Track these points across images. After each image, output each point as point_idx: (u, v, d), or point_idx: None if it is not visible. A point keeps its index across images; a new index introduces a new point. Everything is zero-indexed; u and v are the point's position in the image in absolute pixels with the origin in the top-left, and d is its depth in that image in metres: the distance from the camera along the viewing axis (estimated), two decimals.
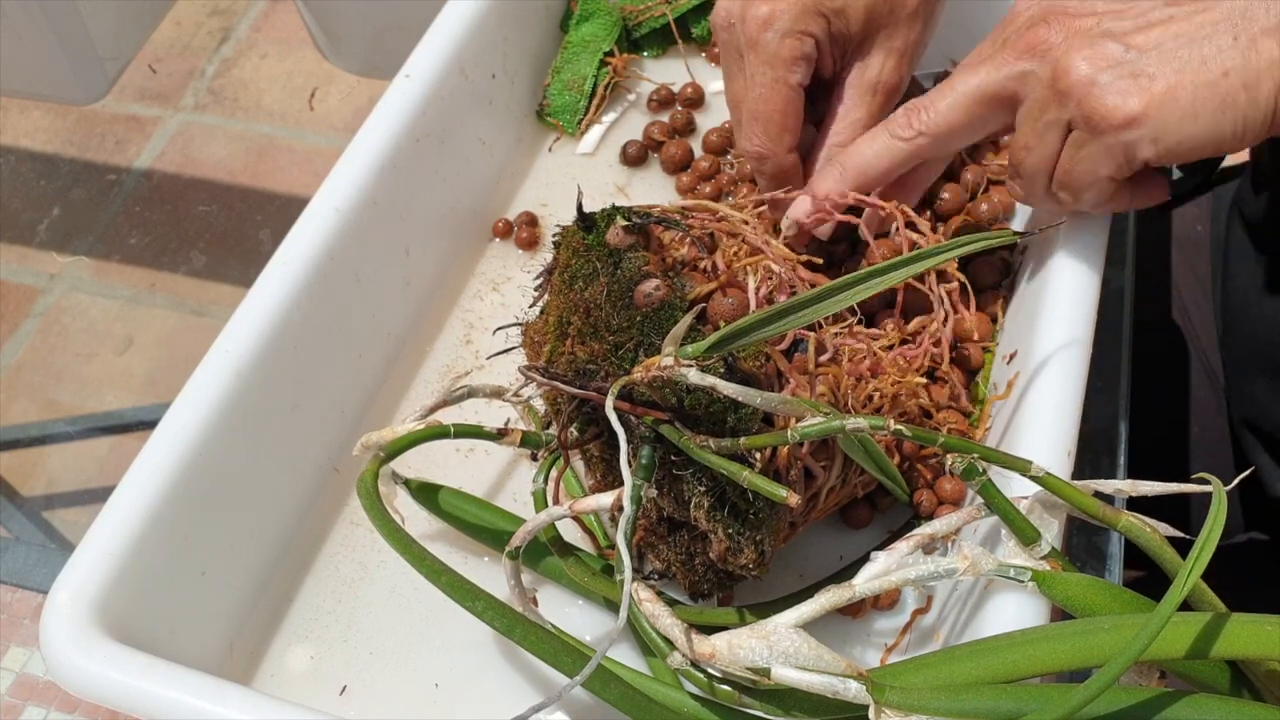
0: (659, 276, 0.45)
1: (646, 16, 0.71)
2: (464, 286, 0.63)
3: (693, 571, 0.47)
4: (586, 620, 0.51)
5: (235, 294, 1.20)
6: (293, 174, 1.56)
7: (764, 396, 0.40)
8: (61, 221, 1.52)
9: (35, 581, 0.71)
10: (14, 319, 1.44)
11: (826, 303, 0.41)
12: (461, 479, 0.55)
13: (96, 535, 0.46)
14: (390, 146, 0.58)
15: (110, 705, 0.42)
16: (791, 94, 0.54)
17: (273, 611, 0.52)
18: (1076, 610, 0.41)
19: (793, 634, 0.38)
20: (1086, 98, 0.45)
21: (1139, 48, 0.45)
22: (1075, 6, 0.48)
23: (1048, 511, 0.43)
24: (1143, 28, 0.46)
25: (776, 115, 0.54)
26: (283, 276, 0.53)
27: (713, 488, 0.43)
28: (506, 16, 0.66)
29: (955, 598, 0.48)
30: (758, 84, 0.54)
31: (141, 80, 1.66)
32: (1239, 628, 0.37)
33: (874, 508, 0.52)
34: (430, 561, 0.42)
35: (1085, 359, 0.49)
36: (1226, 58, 0.44)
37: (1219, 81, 0.44)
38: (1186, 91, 0.44)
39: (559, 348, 0.47)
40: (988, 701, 0.36)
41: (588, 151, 0.69)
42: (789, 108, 0.54)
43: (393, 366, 0.60)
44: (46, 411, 1.36)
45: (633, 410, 0.42)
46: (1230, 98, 0.44)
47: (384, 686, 0.50)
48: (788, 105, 0.54)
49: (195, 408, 0.49)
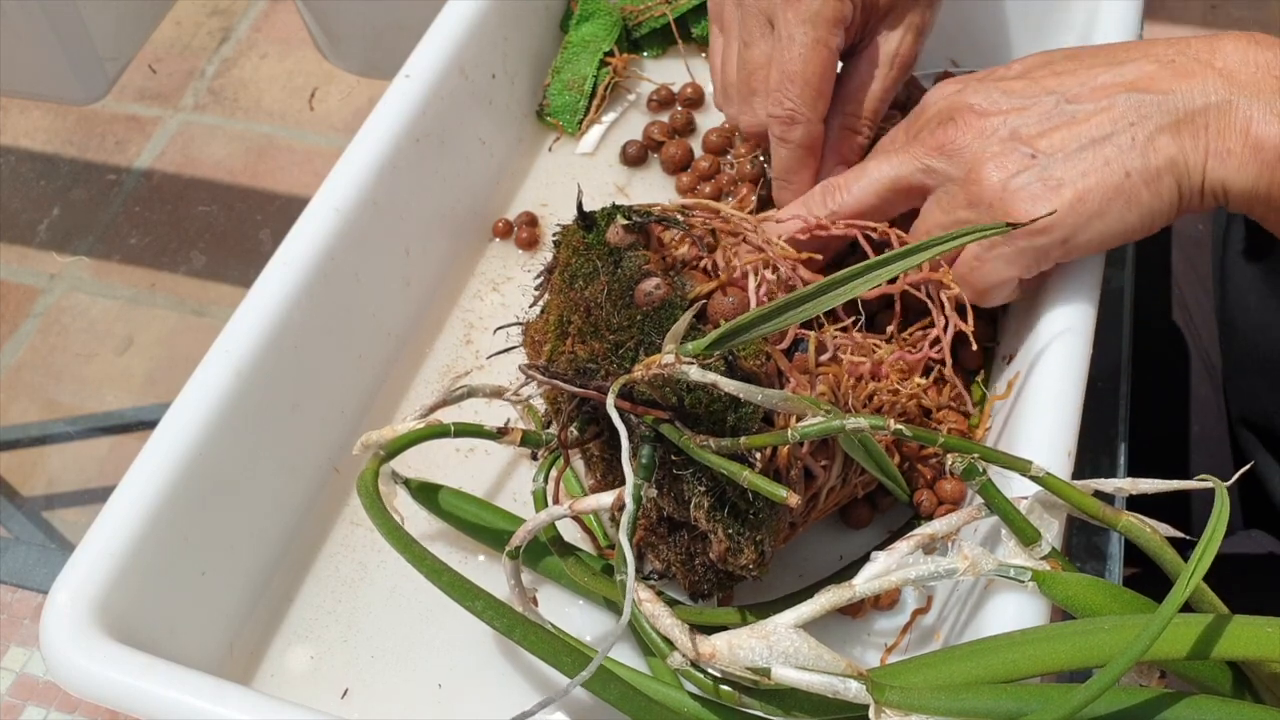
0: (659, 275, 0.45)
1: (646, 16, 0.71)
2: (464, 286, 0.63)
3: (693, 571, 0.47)
4: (586, 620, 0.51)
5: (235, 294, 1.20)
6: (293, 174, 1.56)
7: (765, 393, 0.40)
8: (61, 221, 1.52)
9: (35, 581, 0.71)
10: (14, 319, 1.44)
11: (826, 297, 0.41)
12: (461, 479, 0.55)
13: (96, 535, 0.46)
14: (390, 146, 0.58)
15: (110, 705, 0.42)
16: (831, 57, 0.54)
17: (273, 611, 0.52)
18: (1077, 610, 0.41)
19: (793, 634, 0.38)
20: (1000, 204, 0.47)
21: (1045, 152, 0.47)
22: (981, 104, 0.49)
23: (1048, 511, 0.43)
24: (1047, 130, 0.47)
25: (815, 78, 0.53)
26: (283, 276, 0.53)
27: (713, 488, 0.43)
28: (506, 16, 0.66)
29: (955, 598, 0.48)
30: (797, 43, 0.53)
31: (141, 80, 1.66)
32: (1240, 629, 0.37)
33: (874, 507, 0.52)
34: (430, 561, 0.42)
35: (1085, 359, 0.49)
36: (1127, 159, 0.46)
37: (1123, 183, 0.46)
38: (1094, 195, 0.46)
39: (559, 347, 0.47)
40: (988, 701, 0.36)
41: (588, 151, 0.69)
42: (827, 72, 0.54)
43: (393, 366, 0.60)
44: (46, 411, 1.36)
45: (633, 409, 0.42)
46: (1134, 196, 0.46)
47: (384, 686, 0.50)
48: (827, 69, 0.54)
49: (195, 408, 0.49)
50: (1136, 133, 0.46)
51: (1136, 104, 0.46)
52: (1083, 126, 0.47)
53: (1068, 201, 0.46)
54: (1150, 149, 0.46)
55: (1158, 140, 0.46)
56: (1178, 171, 0.46)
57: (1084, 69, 0.48)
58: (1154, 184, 0.46)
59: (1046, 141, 0.47)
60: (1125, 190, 0.46)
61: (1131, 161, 0.46)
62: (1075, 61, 0.49)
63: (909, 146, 0.51)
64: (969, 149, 0.49)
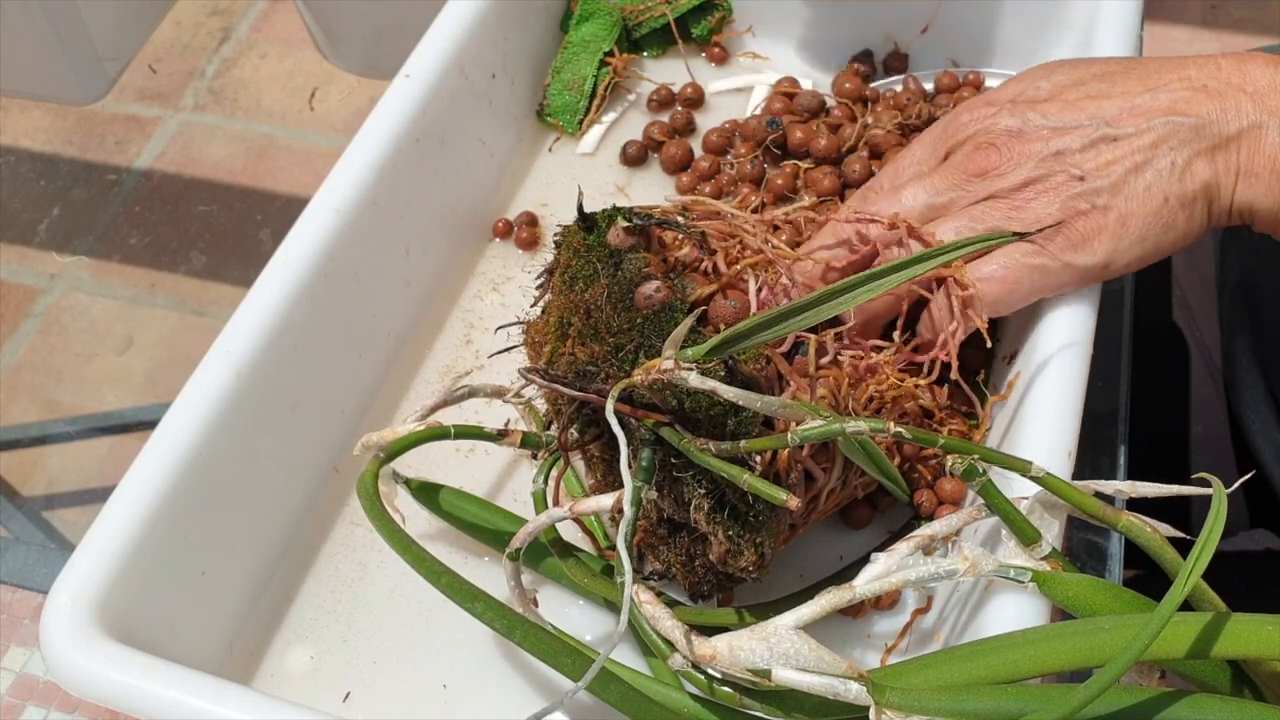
0: (660, 278, 0.45)
1: (646, 16, 0.71)
2: (464, 286, 0.63)
3: (693, 573, 0.47)
4: (586, 620, 0.51)
5: (235, 294, 1.20)
6: (293, 174, 1.56)
7: (764, 400, 0.40)
8: (61, 221, 1.52)
9: (35, 581, 0.72)
10: (14, 319, 1.44)
11: (828, 305, 0.41)
12: (462, 478, 0.55)
13: (96, 535, 0.46)
14: (390, 146, 0.58)
15: (110, 705, 0.42)
16: None
17: (273, 611, 0.52)
18: (1077, 611, 0.41)
19: (793, 635, 0.38)
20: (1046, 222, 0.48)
21: (1091, 173, 0.48)
22: (1018, 127, 0.50)
23: (1048, 512, 0.43)
24: (1090, 153, 0.48)
25: None
26: (283, 276, 0.53)
27: (713, 490, 0.43)
28: (506, 16, 0.66)
29: (956, 598, 0.48)
30: None
31: (141, 80, 1.66)
32: (1240, 627, 0.37)
33: (874, 508, 0.52)
34: (430, 563, 0.42)
35: (1086, 359, 0.49)
36: (1167, 184, 0.47)
37: (1161, 208, 0.48)
38: (1135, 220, 0.48)
39: (559, 348, 0.47)
40: (989, 702, 0.36)
41: (588, 151, 0.69)
42: None
43: (393, 366, 0.60)
44: (46, 411, 1.36)
45: (633, 413, 0.42)
46: (1172, 220, 0.48)
47: (384, 686, 0.50)
48: None
49: (195, 408, 0.49)
50: (1176, 158, 0.47)
51: (1175, 129, 0.47)
52: (1123, 151, 0.48)
53: (1112, 226, 0.48)
54: (1188, 174, 0.47)
55: (1195, 165, 0.47)
56: (1210, 195, 0.47)
57: (1119, 93, 0.49)
58: (1189, 208, 0.47)
59: (1091, 164, 0.48)
60: (1164, 215, 0.47)
61: (1170, 187, 0.47)
62: (1108, 83, 0.50)
63: (945, 173, 0.51)
64: (1013, 173, 0.49)
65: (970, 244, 0.45)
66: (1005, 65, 0.68)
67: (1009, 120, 0.50)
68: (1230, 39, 1.57)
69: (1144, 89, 0.49)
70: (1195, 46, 1.56)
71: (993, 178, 0.49)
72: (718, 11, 0.72)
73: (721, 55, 0.72)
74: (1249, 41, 1.55)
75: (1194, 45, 1.57)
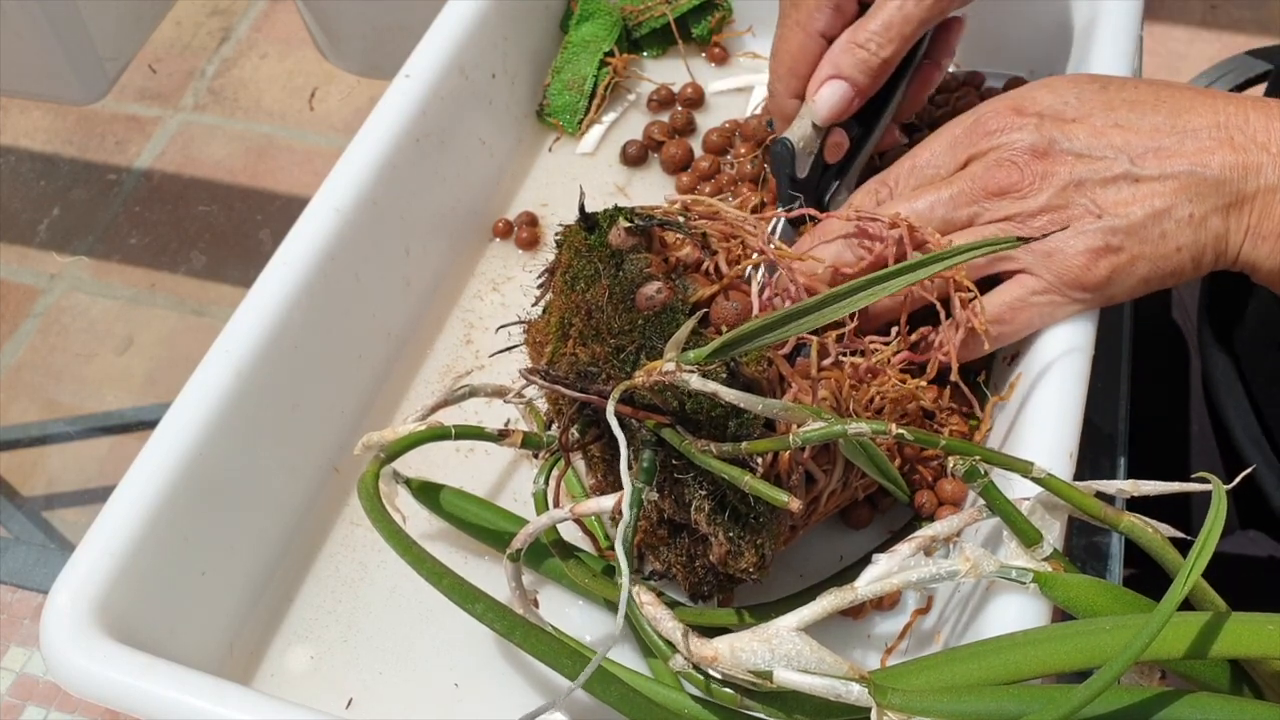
0: (661, 279, 0.45)
1: (646, 16, 0.71)
2: (464, 286, 0.63)
3: (693, 573, 0.47)
4: (587, 621, 0.51)
5: (235, 294, 1.20)
6: (293, 174, 1.56)
7: (765, 403, 0.40)
8: (61, 221, 1.52)
9: (35, 581, 0.71)
10: (14, 319, 1.44)
11: (830, 308, 0.41)
12: (462, 478, 0.55)
13: (96, 535, 0.46)
14: (390, 146, 0.58)
15: (110, 705, 0.42)
16: (805, 40, 0.56)
17: (273, 611, 0.52)
18: (1078, 611, 0.41)
19: (794, 637, 0.38)
20: (1057, 252, 0.49)
21: (1109, 210, 0.48)
22: (1042, 146, 0.50)
23: (1049, 513, 0.43)
24: (1109, 181, 0.48)
25: (786, 57, 0.57)
26: (283, 276, 0.53)
27: (714, 491, 0.43)
28: (506, 16, 0.66)
29: (956, 599, 0.48)
30: (780, 25, 0.58)
31: (141, 80, 1.66)
32: (1239, 627, 0.37)
33: (875, 508, 0.52)
34: (431, 563, 0.42)
35: (1087, 360, 0.49)
36: (1182, 234, 0.48)
37: (1173, 255, 0.48)
38: (1144, 262, 0.48)
39: (560, 348, 0.46)
40: (990, 702, 0.36)
41: (588, 151, 0.69)
42: (801, 54, 0.57)
43: (393, 366, 0.60)
44: (46, 411, 1.36)
45: (634, 414, 0.42)
46: (1180, 267, 0.49)
47: (384, 686, 0.50)
48: (800, 51, 0.56)
49: (195, 408, 0.49)
50: (1195, 210, 0.48)
51: (1197, 181, 0.47)
52: (1144, 193, 0.48)
53: (1123, 265, 0.48)
54: (1203, 227, 0.48)
55: (1211, 219, 0.48)
56: (1219, 248, 0.48)
57: (1148, 128, 0.49)
58: (1199, 258, 0.48)
59: (1111, 200, 0.48)
60: (1173, 261, 0.48)
61: (1184, 237, 0.48)
62: (1138, 114, 0.49)
63: (963, 184, 0.51)
64: (1033, 198, 0.49)
65: (974, 249, 0.45)
66: (1005, 65, 0.68)
67: (1034, 137, 0.50)
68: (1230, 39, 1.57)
69: (1172, 130, 0.48)
70: (1195, 47, 1.56)
71: (1012, 198, 0.49)
72: (718, 11, 0.72)
73: (721, 55, 0.72)
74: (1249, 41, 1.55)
75: (1194, 45, 1.57)
